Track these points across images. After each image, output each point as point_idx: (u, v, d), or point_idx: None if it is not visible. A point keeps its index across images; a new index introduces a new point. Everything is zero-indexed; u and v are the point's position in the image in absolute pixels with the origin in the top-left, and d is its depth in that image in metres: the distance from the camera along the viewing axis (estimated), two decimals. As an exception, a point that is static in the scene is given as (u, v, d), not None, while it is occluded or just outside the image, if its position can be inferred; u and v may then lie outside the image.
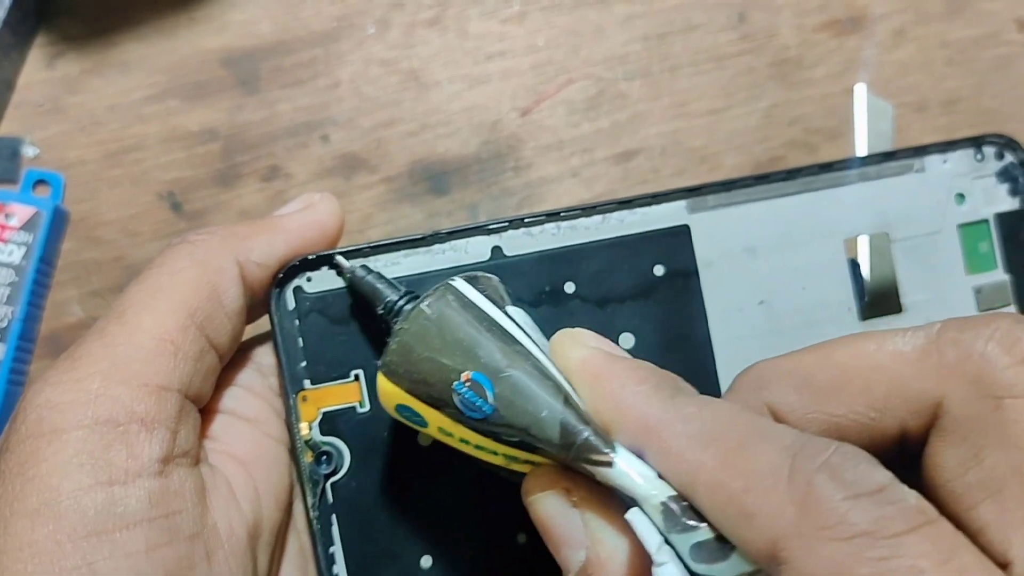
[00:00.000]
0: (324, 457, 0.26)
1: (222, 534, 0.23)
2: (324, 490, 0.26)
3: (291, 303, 0.26)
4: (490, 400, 0.21)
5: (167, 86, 0.41)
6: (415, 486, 0.26)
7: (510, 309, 0.23)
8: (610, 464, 0.20)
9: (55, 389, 0.22)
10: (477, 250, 0.27)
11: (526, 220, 0.27)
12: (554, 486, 0.21)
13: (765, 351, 0.28)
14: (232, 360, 0.26)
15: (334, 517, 0.26)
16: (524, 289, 0.27)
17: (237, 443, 0.25)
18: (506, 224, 0.27)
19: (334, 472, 0.26)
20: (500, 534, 0.26)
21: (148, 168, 0.41)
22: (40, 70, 0.41)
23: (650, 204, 0.27)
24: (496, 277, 0.25)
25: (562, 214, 0.27)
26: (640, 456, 0.20)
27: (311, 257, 0.26)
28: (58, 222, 0.40)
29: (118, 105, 0.41)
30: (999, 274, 0.29)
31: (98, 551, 0.20)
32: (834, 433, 0.20)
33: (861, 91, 0.42)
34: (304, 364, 0.26)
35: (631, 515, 0.19)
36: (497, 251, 0.27)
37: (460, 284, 0.23)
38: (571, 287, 0.27)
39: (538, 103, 0.42)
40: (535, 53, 0.43)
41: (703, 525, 0.18)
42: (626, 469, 0.19)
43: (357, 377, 0.26)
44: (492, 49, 0.43)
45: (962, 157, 0.29)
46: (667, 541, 0.19)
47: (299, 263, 0.26)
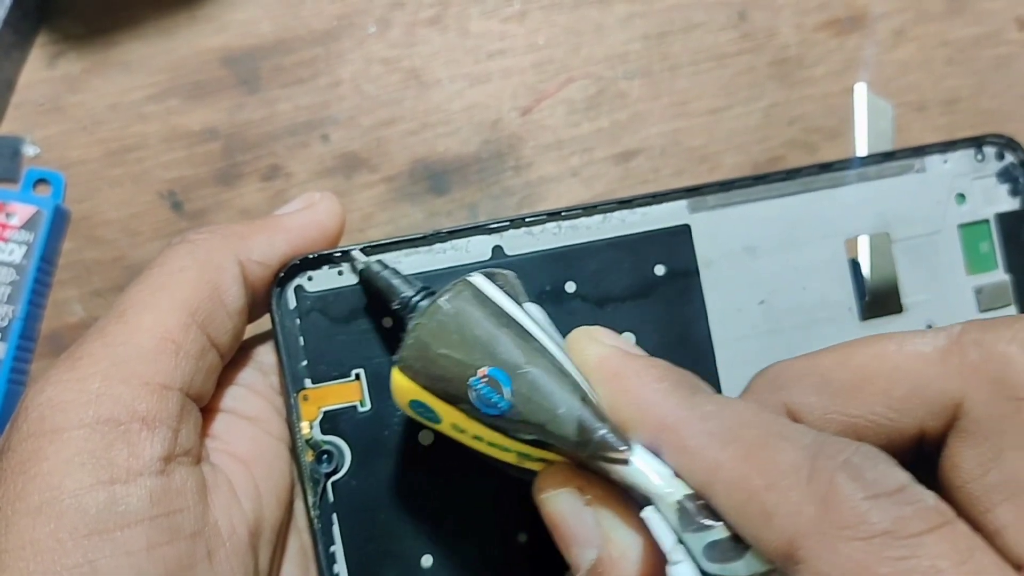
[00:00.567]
0: (325, 456, 0.26)
1: (223, 533, 0.23)
2: (325, 489, 0.26)
3: (292, 302, 0.26)
4: (507, 396, 0.21)
5: (168, 85, 0.41)
6: (416, 485, 0.26)
7: (527, 305, 0.23)
8: (627, 462, 0.20)
9: (56, 388, 0.22)
10: (478, 249, 0.27)
11: (527, 219, 0.27)
12: (568, 484, 0.21)
13: (765, 351, 0.28)
14: (233, 359, 0.26)
15: (335, 516, 0.26)
16: (525, 288, 0.27)
17: (238, 442, 0.25)
18: (507, 223, 0.27)
19: (335, 471, 0.26)
20: (501, 533, 0.26)
21: (149, 167, 0.41)
22: (41, 69, 0.41)
23: (651, 204, 0.27)
24: (513, 273, 0.25)
25: (563, 213, 0.27)
26: (656, 454, 0.20)
27: (312, 256, 0.26)
28: (59, 221, 0.40)
29: (119, 104, 0.41)
30: (999, 274, 0.29)
31: (99, 549, 0.20)
32: (851, 434, 0.20)
33: (861, 91, 0.41)
34: (305, 363, 0.26)
35: (646, 513, 0.19)
36: (498, 250, 0.27)
37: (478, 280, 0.23)
38: (572, 286, 0.27)
39: (538, 102, 0.42)
40: (535, 52, 0.43)
41: (718, 524, 0.18)
42: (642, 467, 0.19)
43: (358, 376, 0.26)
44: (492, 48, 0.43)
45: (962, 157, 0.29)
46: (680, 540, 0.19)
47: (300, 262, 0.26)
